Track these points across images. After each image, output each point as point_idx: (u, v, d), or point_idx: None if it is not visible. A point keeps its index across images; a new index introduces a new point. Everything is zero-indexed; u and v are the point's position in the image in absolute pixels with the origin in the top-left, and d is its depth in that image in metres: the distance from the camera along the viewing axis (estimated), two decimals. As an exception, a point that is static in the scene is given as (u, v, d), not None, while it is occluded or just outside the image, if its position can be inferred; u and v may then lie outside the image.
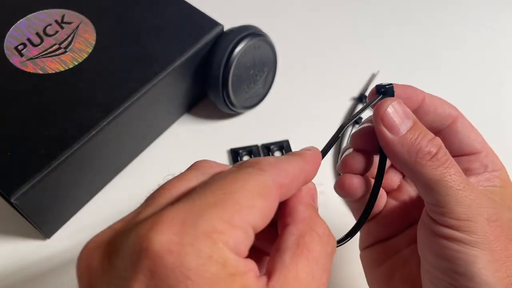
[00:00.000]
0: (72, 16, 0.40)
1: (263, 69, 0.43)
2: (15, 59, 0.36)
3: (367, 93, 0.47)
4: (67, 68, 0.36)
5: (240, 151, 0.42)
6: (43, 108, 0.34)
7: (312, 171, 0.20)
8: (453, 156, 0.25)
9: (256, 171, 0.17)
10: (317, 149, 0.22)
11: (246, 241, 0.16)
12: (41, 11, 0.40)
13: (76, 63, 0.37)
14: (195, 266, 0.15)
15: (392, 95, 0.25)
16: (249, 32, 0.40)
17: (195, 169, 0.20)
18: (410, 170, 0.23)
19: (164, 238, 0.15)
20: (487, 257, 0.22)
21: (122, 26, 0.39)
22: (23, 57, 0.37)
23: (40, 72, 0.36)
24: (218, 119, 0.44)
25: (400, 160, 0.23)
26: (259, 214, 0.17)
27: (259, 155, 0.42)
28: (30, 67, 0.36)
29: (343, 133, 0.44)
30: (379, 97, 0.25)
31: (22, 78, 0.36)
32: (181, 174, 0.19)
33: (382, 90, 0.24)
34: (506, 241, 0.23)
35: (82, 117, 0.34)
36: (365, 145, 0.26)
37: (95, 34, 0.39)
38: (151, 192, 0.19)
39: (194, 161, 0.20)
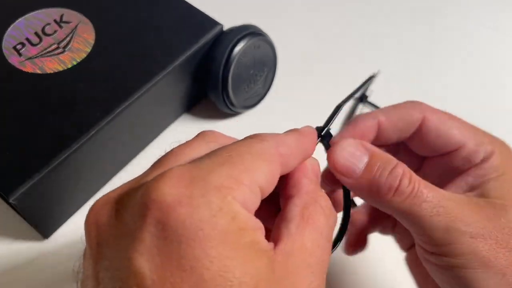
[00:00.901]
0: (71, 15, 0.39)
1: (263, 68, 0.42)
2: (13, 59, 0.36)
3: (367, 93, 0.47)
4: (66, 68, 0.36)
5: (240, 151, 0.42)
6: (42, 108, 0.34)
7: (309, 145, 0.21)
8: (433, 158, 0.24)
9: (258, 140, 0.18)
10: (311, 126, 0.23)
11: (254, 199, 0.17)
12: (39, 11, 0.40)
13: (75, 63, 0.37)
14: (207, 218, 0.15)
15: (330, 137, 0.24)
16: (249, 32, 0.40)
17: (202, 138, 0.20)
18: (379, 206, 0.22)
19: (175, 190, 0.15)
20: (486, 275, 0.21)
21: (121, 25, 0.39)
22: (21, 57, 0.36)
23: (39, 72, 0.36)
24: (218, 119, 0.44)
25: (367, 199, 0.23)
26: (264, 177, 0.17)
27: (259, 155, 0.42)
28: (28, 67, 0.36)
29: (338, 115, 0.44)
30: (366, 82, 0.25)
31: (21, 78, 0.35)
32: (188, 142, 0.20)
33: (322, 136, 0.23)
34: (504, 250, 0.21)
35: (81, 117, 0.34)
36: (333, 184, 0.26)
37: (94, 34, 0.38)
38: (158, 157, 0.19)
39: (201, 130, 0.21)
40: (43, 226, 0.35)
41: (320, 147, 0.24)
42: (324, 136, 0.24)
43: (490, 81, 0.50)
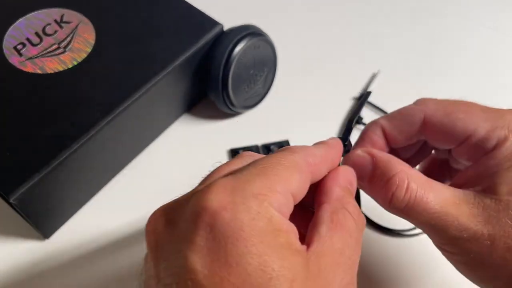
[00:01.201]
0: (71, 15, 0.39)
1: (263, 69, 0.42)
2: (14, 59, 0.36)
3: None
4: (66, 68, 0.36)
5: (240, 151, 0.42)
6: (42, 108, 0.34)
7: (335, 155, 0.23)
8: (454, 149, 0.26)
9: (289, 152, 0.21)
10: (337, 138, 0.25)
11: (287, 205, 0.19)
12: (40, 11, 0.40)
13: (76, 63, 0.37)
14: (247, 220, 0.17)
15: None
16: (249, 32, 0.40)
17: (240, 158, 0.23)
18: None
19: (219, 198, 0.17)
20: (484, 273, 0.23)
21: (122, 25, 0.39)
22: (22, 57, 0.37)
23: (39, 72, 0.36)
24: (218, 119, 0.44)
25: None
26: (296, 185, 0.19)
27: (259, 155, 0.42)
28: (29, 67, 0.36)
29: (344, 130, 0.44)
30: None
31: (21, 78, 0.35)
32: (228, 161, 0.22)
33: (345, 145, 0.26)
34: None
35: (82, 117, 0.34)
36: None
37: (94, 34, 0.38)
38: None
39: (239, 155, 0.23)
40: (44, 226, 0.36)
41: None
42: (345, 145, 0.27)
43: (490, 81, 0.50)
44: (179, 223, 0.18)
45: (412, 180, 0.23)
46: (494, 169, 0.23)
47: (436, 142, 0.26)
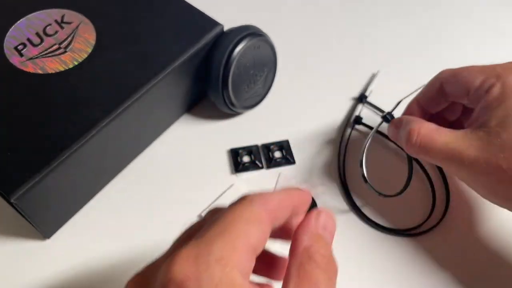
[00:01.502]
0: (72, 16, 0.40)
1: (263, 69, 0.43)
2: (15, 59, 0.36)
3: (367, 93, 0.47)
4: (67, 68, 0.36)
5: (240, 151, 0.42)
6: (43, 108, 0.34)
7: (300, 196, 0.24)
8: (464, 104, 0.33)
9: (247, 204, 0.21)
10: (306, 189, 0.25)
11: (250, 260, 0.20)
12: (41, 11, 0.40)
13: (76, 63, 0.37)
14: (212, 287, 0.18)
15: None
16: (249, 32, 0.40)
17: (209, 215, 0.24)
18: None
19: (184, 268, 0.18)
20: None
21: (122, 26, 0.39)
22: (23, 57, 0.37)
23: (40, 72, 0.36)
24: (218, 119, 0.44)
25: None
26: (256, 238, 0.20)
27: (259, 155, 0.42)
28: (30, 67, 0.36)
29: (343, 135, 0.44)
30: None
31: (22, 78, 0.36)
32: (200, 221, 0.24)
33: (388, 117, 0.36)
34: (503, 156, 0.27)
35: (82, 117, 0.34)
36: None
37: (95, 34, 0.39)
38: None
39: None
40: (44, 226, 0.36)
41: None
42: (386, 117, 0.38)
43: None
44: None
45: (423, 128, 0.31)
46: (486, 109, 0.29)
47: (453, 98, 0.33)
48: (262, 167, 0.41)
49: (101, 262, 0.35)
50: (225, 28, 0.41)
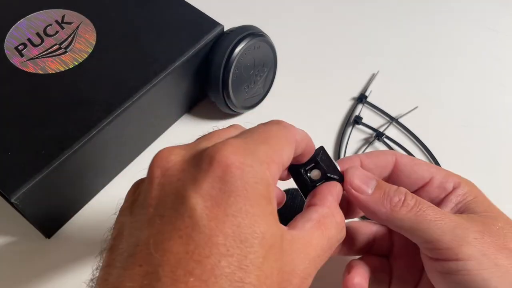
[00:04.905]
0: (72, 16, 0.40)
1: (263, 69, 0.43)
2: (15, 59, 0.37)
3: (367, 93, 0.47)
4: (67, 68, 0.36)
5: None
6: (43, 108, 0.34)
7: (310, 140, 0.26)
8: (416, 192, 0.28)
9: (282, 127, 0.23)
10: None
11: (278, 174, 0.21)
12: (41, 11, 0.40)
13: (77, 63, 0.37)
14: (252, 182, 0.19)
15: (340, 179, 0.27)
16: (249, 32, 0.40)
17: (234, 127, 0.25)
18: (390, 221, 0.26)
19: (234, 156, 0.19)
20: (497, 274, 0.23)
21: (122, 26, 0.39)
22: (23, 57, 0.37)
23: (41, 72, 0.36)
24: (219, 119, 0.44)
25: (379, 215, 0.26)
26: (286, 156, 0.22)
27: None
28: (30, 67, 0.36)
29: (343, 135, 0.44)
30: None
31: (23, 78, 0.36)
32: (224, 129, 0.24)
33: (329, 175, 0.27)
34: (506, 250, 0.24)
35: (82, 117, 0.34)
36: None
37: (95, 34, 0.39)
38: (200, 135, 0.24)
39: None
40: (45, 226, 0.36)
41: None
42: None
43: (490, 81, 0.50)
44: (191, 165, 0.20)
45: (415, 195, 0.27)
46: (464, 201, 0.28)
47: (402, 184, 0.29)
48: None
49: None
50: (225, 28, 0.41)
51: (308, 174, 0.27)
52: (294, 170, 0.27)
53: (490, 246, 0.24)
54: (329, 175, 0.27)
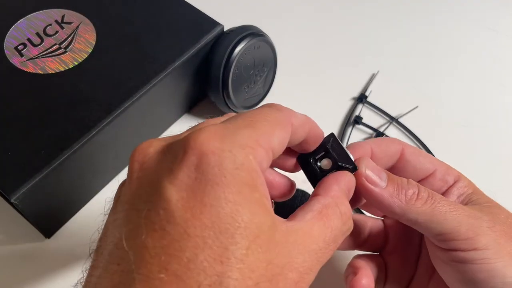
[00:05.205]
0: (72, 16, 0.40)
1: (263, 69, 0.43)
2: (15, 59, 0.37)
3: (367, 93, 0.47)
4: (67, 68, 0.36)
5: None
6: (43, 108, 0.34)
7: (315, 126, 0.24)
8: (420, 182, 0.27)
9: (274, 110, 0.21)
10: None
11: (267, 160, 0.20)
12: (41, 11, 0.40)
13: (76, 63, 0.37)
14: (231, 169, 0.18)
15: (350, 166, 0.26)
16: (249, 32, 0.40)
17: (228, 116, 0.23)
18: (405, 214, 0.25)
19: (210, 142, 0.18)
20: (510, 262, 0.23)
21: (122, 26, 0.39)
22: (23, 57, 0.37)
23: (40, 72, 0.36)
24: (218, 119, 0.44)
25: (394, 209, 0.25)
26: (277, 141, 0.20)
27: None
28: (30, 67, 0.36)
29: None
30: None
31: (22, 78, 0.36)
32: (218, 117, 0.23)
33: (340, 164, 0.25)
34: None
35: (82, 117, 0.34)
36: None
37: (95, 34, 0.39)
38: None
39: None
40: (45, 226, 0.36)
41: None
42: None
43: (490, 81, 0.50)
44: (167, 156, 0.19)
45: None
46: (465, 194, 0.28)
47: (407, 174, 0.29)
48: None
49: (101, 262, 0.35)
50: (225, 28, 0.41)
51: (318, 164, 0.25)
52: (303, 159, 0.25)
53: (502, 235, 0.24)
54: (340, 164, 0.25)
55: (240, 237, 0.17)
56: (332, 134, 0.26)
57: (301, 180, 0.30)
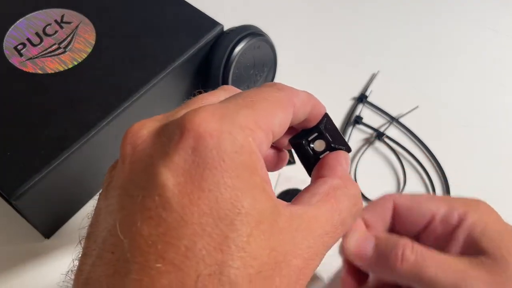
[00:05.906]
0: (71, 16, 0.40)
1: (263, 69, 0.42)
2: (14, 59, 0.36)
3: (367, 93, 0.47)
4: (66, 68, 0.36)
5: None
6: (43, 108, 0.34)
7: (317, 103, 0.23)
8: (422, 234, 0.27)
9: (275, 89, 0.20)
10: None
11: (267, 143, 0.19)
12: (40, 11, 0.40)
13: (76, 63, 0.37)
14: (230, 152, 0.17)
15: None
16: (249, 32, 0.40)
17: (223, 90, 0.22)
18: (394, 278, 0.26)
19: (207, 123, 0.17)
20: None
21: (122, 26, 0.39)
22: (22, 57, 0.37)
23: (40, 72, 0.36)
24: (218, 119, 0.44)
25: (382, 274, 0.26)
26: (278, 123, 0.19)
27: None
28: (29, 67, 0.36)
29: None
30: None
31: (22, 78, 0.35)
32: (212, 91, 0.22)
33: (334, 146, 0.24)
34: None
35: (82, 117, 0.34)
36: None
37: (94, 34, 0.39)
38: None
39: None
40: (44, 226, 0.36)
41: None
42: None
43: (490, 81, 0.50)
44: (161, 138, 0.18)
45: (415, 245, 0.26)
46: (472, 235, 0.26)
47: (405, 226, 0.28)
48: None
49: (101, 262, 0.35)
50: (225, 28, 0.41)
51: (311, 145, 0.24)
52: (295, 140, 0.24)
53: None
54: (333, 145, 0.24)
55: (240, 224, 0.16)
56: (326, 114, 0.25)
57: (300, 180, 0.30)
